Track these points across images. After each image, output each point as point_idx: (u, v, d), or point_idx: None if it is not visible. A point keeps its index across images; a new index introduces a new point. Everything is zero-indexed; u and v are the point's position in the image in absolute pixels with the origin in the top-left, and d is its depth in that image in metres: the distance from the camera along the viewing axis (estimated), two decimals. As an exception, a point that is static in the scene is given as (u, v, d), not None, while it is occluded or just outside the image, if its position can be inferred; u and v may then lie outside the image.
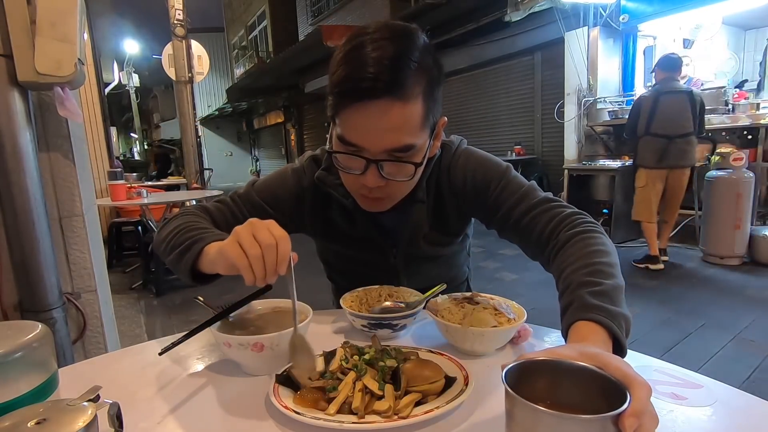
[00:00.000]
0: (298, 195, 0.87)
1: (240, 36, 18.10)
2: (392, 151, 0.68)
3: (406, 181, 0.73)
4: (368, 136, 0.67)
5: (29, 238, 1.30)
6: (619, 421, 0.35)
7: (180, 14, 5.47)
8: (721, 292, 3.21)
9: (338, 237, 0.90)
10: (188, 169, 6.05)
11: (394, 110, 0.64)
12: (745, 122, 4.20)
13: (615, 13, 5.47)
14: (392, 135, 0.66)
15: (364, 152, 0.68)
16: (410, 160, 0.70)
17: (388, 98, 0.64)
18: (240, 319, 0.71)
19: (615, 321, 0.53)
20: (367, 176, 0.70)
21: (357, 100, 0.64)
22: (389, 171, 0.70)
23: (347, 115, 0.67)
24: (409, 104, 0.65)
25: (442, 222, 0.88)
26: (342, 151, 0.70)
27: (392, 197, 0.78)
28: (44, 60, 1.19)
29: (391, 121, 0.65)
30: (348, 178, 0.76)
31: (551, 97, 6.39)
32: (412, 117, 0.67)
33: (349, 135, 0.68)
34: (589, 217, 0.73)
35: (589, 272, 0.61)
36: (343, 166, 0.73)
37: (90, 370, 0.71)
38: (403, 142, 0.67)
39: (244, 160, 20.74)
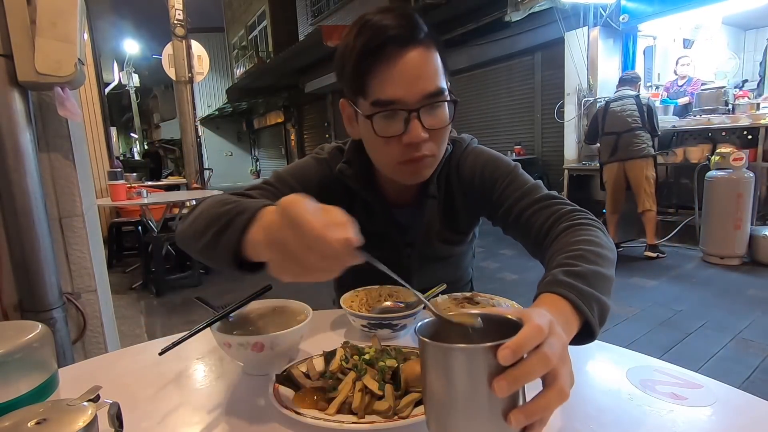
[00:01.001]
0: (322, 183, 0.86)
1: (240, 36, 18.11)
2: (428, 96, 0.70)
3: (444, 129, 0.74)
4: (403, 85, 0.69)
5: (29, 238, 1.30)
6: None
7: (180, 14, 5.47)
8: (721, 292, 3.21)
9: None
10: (188, 169, 6.05)
11: (421, 56, 0.69)
12: (745, 122, 4.20)
13: (615, 13, 5.47)
14: (425, 80, 0.69)
15: (402, 105, 0.70)
16: (445, 100, 0.72)
17: (413, 46, 0.68)
18: (240, 319, 0.71)
19: (584, 300, 0.52)
20: (411, 130, 0.70)
21: (386, 54, 0.68)
22: (428, 120, 0.71)
23: (378, 74, 0.69)
24: (431, 51, 0.70)
25: (453, 219, 0.88)
26: (381, 111, 0.70)
27: (435, 156, 0.77)
28: (44, 60, 1.19)
29: (421, 66, 0.69)
30: (387, 149, 0.74)
31: (551, 97, 6.39)
32: (435, 63, 0.71)
33: (384, 92, 0.69)
34: (590, 214, 0.73)
35: (571, 256, 0.60)
36: (382, 133, 0.72)
37: (90, 370, 0.71)
38: (436, 84, 0.70)
39: (244, 160, 20.75)
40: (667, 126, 4.81)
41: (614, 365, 0.66)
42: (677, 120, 4.87)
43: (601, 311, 0.54)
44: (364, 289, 0.83)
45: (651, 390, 0.58)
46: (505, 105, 7.54)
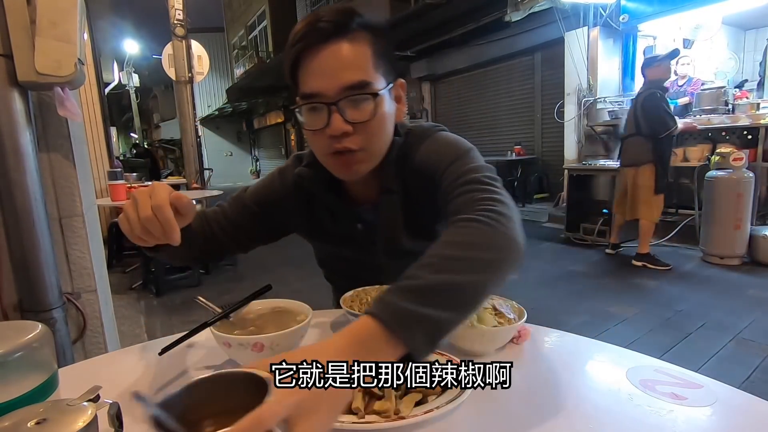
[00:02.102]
0: (284, 195, 0.88)
1: (240, 36, 18.10)
2: (347, 88, 0.70)
3: (370, 123, 0.72)
4: (323, 78, 0.70)
5: (29, 238, 1.30)
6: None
7: (180, 14, 5.47)
8: (721, 292, 3.21)
9: (324, 236, 0.90)
10: (188, 169, 6.06)
11: (343, 49, 0.70)
12: (745, 122, 4.19)
13: (615, 13, 5.47)
14: (345, 73, 0.70)
15: (322, 98, 0.71)
16: (367, 93, 0.71)
17: (335, 39, 0.69)
18: (240, 319, 0.71)
19: (403, 323, 0.47)
20: (331, 123, 0.70)
21: (310, 48, 0.70)
22: (350, 113, 0.71)
23: (303, 66, 0.71)
24: (357, 45, 0.71)
25: (415, 213, 0.84)
26: (303, 104, 0.73)
27: (366, 151, 0.75)
28: (44, 60, 1.19)
29: (341, 58, 0.70)
30: (316, 140, 0.75)
31: (551, 97, 6.39)
32: (362, 56, 0.71)
33: (307, 86, 0.71)
34: (498, 204, 0.62)
35: (421, 264, 0.54)
36: (309, 126, 0.74)
37: (90, 370, 0.71)
38: (357, 78, 0.70)
39: (244, 160, 20.75)
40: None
41: (614, 365, 0.66)
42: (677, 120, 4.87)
43: (432, 329, 0.49)
44: (364, 288, 0.83)
45: (651, 390, 0.58)
46: (505, 105, 7.54)
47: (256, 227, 0.89)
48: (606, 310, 2.95)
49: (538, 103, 6.93)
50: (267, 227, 0.91)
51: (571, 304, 3.08)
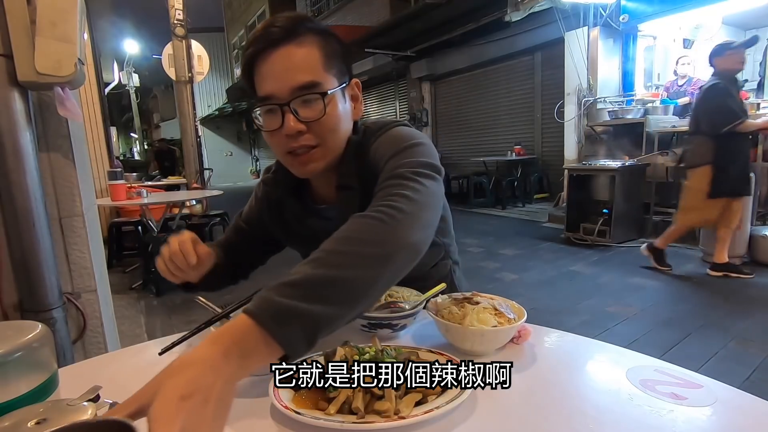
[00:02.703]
0: (259, 207, 0.96)
1: (240, 36, 18.10)
2: (298, 89, 0.73)
3: (323, 120, 0.74)
4: (275, 80, 0.73)
5: (29, 238, 1.30)
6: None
7: (180, 14, 5.47)
8: (721, 291, 3.21)
9: (296, 238, 0.94)
10: (188, 169, 6.06)
11: (291, 52, 0.73)
12: (745, 122, 4.19)
13: (615, 13, 5.47)
14: (294, 74, 0.73)
15: (275, 100, 0.74)
16: (315, 92, 0.73)
17: (284, 44, 0.73)
18: (240, 319, 0.71)
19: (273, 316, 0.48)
20: (286, 124, 0.74)
21: (261, 51, 0.73)
22: (303, 112, 0.74)
23: (257, 72, 0.75)
24: (305, 47, 0.74)
25: None
26: (258, 106, 0.76)
27: (322, 147, 0.77)
28: (44, 60, 1.19)
29: (291, 61, 0.73)
30: (274, 141, 0.78)
31: (551, 97, 6.40)
32: (310, 58, 0.74)
33: (261, 89, 0.75)
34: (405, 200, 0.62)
35: (305, 261, 0.55)
36: (265, 127, 0.77)
37: (90, 370, 0.71)
38: (306, 78, 0.73)
39: (244, 160, 20.74)
40: (667, 126, 4.81)
41: (614, 365, 0.66)
42: (677, 120, 4.87)
43: (310, 325, 0.49)
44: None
45: (651, 390, 0.58)
46: (505, 105, 7.54)
47: (256, 244, 0.99)
48: (606, 310, 2.95)
49: (538, 103, 6.93)
50: (263, 242, 0.99)
51: (571, 304, 3.08)
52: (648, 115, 4.98)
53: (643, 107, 5.09)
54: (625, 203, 4.60)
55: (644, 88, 5.81)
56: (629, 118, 5.08)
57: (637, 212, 4.80)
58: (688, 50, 5.60)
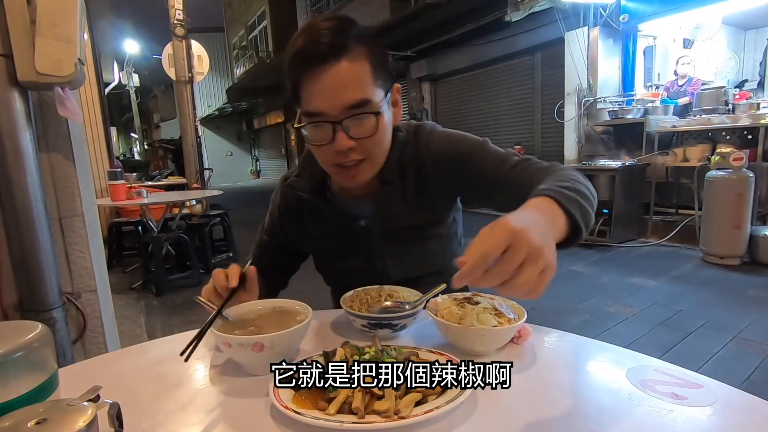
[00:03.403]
0: (278, 218, 0.98)
1: (240, 36, 18.10)
2: (350, 107, 0.73)
3: (373, 137, 0.76)
4: (326, 98, 0.73)
5: (29, 238, 1.30)
6: None
7: (180, 14, 5.47)
8: (721, 292, 3.21)
9: (313, 239, 0.96)
10: (188, 169, 6.05)
11: (343, 68, 0.72)
12: (745, 122, 4.20)
13: (615, 13, 5.47)
14: (347, 92, 0.72)
15: (326, 117, 0.73)
16: (370, 111, 0.74)
17: (335, 59, 0.71)
18: (240, 319, 0.71)
19: (567, 201, 0.60)
20: (336, 140, 0.74)
21: (310, 69, 0.72)
22: (354, 130, 0.74)
23: (305, 86, 0.74)
24: (356, 62, 0.73)
25: (425, 202, 0.90)
26: (307, 123, 0.76)
27: (369, 160, 0.80)
28: (44, 60, 1.19)
29: (342, 78, 0.72)
30: (321, 153, 0.80)
31: (551, 97, 6.39)
32: (361, 74, 0.73)
33: (310, 105, 0.74)
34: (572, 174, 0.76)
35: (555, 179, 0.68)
36: (313, 141, 0.78)
37: (90, 370, 0.71)
38: (359, 97, 0.73)
39: (244, 160, 20.75)
40: (667, 126, 4.81)
41: (614, 365, 0.66)
42: (677, 120, 4.87)
43: (584, 215, 0.61)
44: (364, 289, 0.83)
45: (651, 390, 0.58)
46: (505, 105, 7.53)
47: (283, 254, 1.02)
48: (606, 310, 2.95)
49: (538, 103, 6.93)
50: (288, 249, 1.01)
51: (571, 304, 3.08)
52: (648, 115, 4.98)
53: (643, 107, 5.09)
54: (625, 203, 4.61)
55: (644, 88, 5.81)
56: (629, 118, 5.08)
57: (637, 212, 4.80)
58: (688, 50, 5.60)
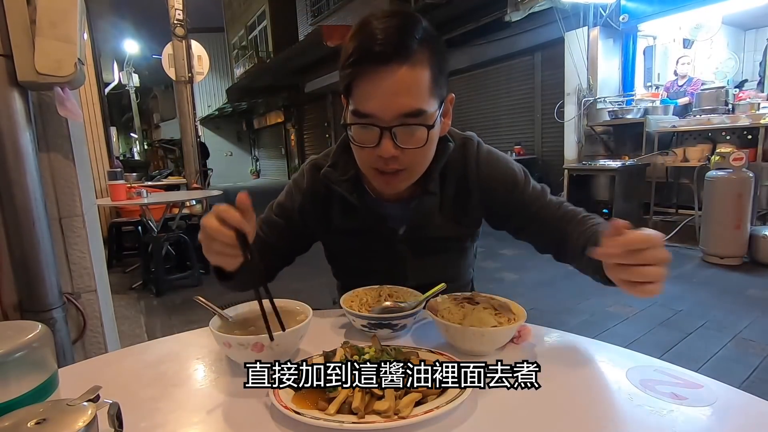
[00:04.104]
0: (300, 202, 0.91)
1: (240, 36, 18.10)
2: (404, 116, 0.70)
3: (420, 149, 0.74)
4: (380, 102, 0.69)
5: (29, 237, 1.30)
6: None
7: (180, 14, 5.47)
8: (721, 292, 3.21)
9: (344, 232, 0.92)
10: (188, 169, 6.05)
11: (402, 74, 0.68)
12: (745, 122, 4.20)
13: (615, 13, 5.47)
14: (403, 99, 0.69)
15: (377, 121, 0.70)
16: (422, 123, 0.71)
17: (396, 62, 0.67)
18: (240, 319, 0.71)
19: None
20: (382, 146, 0.71)
21: (368, 68, 0.68)
22: (402, 139, 0.71)
23: (359, 85, 0.70)
24: (417, 69, 0.68)
25: (461, 215, 0.90)
26: (355, 123, 0.73)
27: (410, 170, 0.78)
28: (44, 60, 1.19)
29: (400, 84, 0.68)
30: (362, 154, 0.76)
31: (551, 97, 6.39)
32: (421, 81, 0.69)
33: (362, 105, 0.71)
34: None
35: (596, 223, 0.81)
36: (358, 141, 0.75)
37: (90, 370, 0.71)
38: (414, 106, 0.69)
39: (244, 160, 20.75)
40: (667, 126, 4.82)
41: (614, 365, 0.66)
42: (677, 120, 4.87)
43: None
44: (364, 289, 0.83)
45: (651, 390, 0.58)
46: (505, 105, 7.53)
47: (291, 239, 0.94)
48: (606, 310, 2.95)
49: (538, 103, 6.93)
50: (298, 237, 0.95)
51: (571, 304, 3.08)
52: (648, 115, 4.99)
53: (643, 107, 5.10)
54: (625, 203, 4.61)
55: (644, 88, 5.81)
56: (629, 118, 5.09)
57: (637, 212, 4.80)
58: (688, 50, 5.60)
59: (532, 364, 0.54)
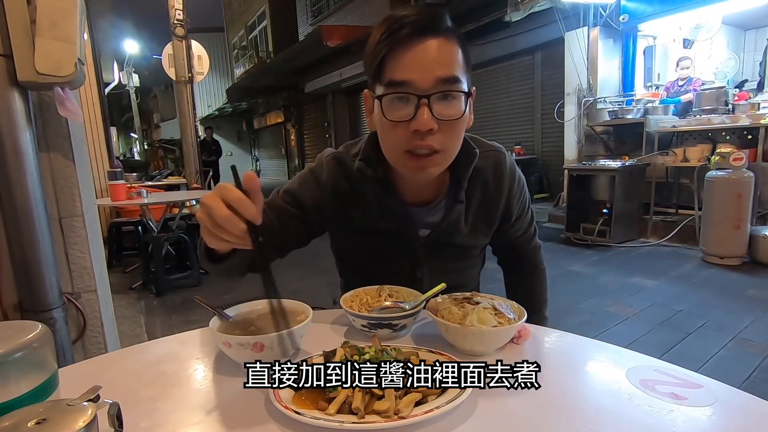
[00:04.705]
0: (319, 195, 0.88)
1: (240, 36, 18.09)
2: (442, 82, 0.69)
3: (456, 121, 0.72)
4: (417, 68, 0.69)
5: (29, 238, 1.30)
6: None
7: (180, 14, 5.47)
8: (721, 292, 3.21)
9: (361, 232, 0.89)
10: (188, 169, 6.05)
11: (438, 44, 0.70)
12: (745, 122, 4.20)
13: (615, 13, 5.47)
14: (441, 66, 0.69)
15: (414, 89, 0.69)
16: (461, 90, 0.71)
17: (433, 34, 0.69)
18: (240, 319, 0.71)
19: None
20: (418, 117, 0.69)
21: (403, 40, 0.69)
22: (439, 110, 0.70)
23: (394, 56, 0.70)
24: (450, 43, 0.71)
25: (482, 225, 0.92)
26: (392, 92, 0.71)
27: (444, 153, 0.75)
28: (44, 60, 1.19)
29: (437, 53, 0.69)
30: (395, 134, 0.73)
31: (551, 97, 6.39)
32: (454, 53, 0.71)
33: (397, 74, 0.70)
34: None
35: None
36: (390, 117, 0.72)
37: (90, 370, 0.71)
38: (451, 71, 0.70)
39: (244, 160, 20.74)
40: (667, 126, 4.81)
41: (614, 365, 0.66)
42: (677, 120, 4.87)
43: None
44: (364, 289, 0.83)
45: (651, 390, 0.58)
46: (505, 105, 7.53)
47: (297, 229, 0.89)
48: (606, 310, 2.95)
49: (538, 103, 6.93)
50: (307, 228, 0.91)
51: (571, 304, 3.08)
52: (648, 115, 4.98)
53: (643, 107, 5.09)
54: (625, 203, 4.61)
55: (644, 88, 5.81)
56: (629, 118, 5.08)
57: (637, 212, 4.80)
58: (688, 50, 5.60)
59: (532, 364, 0.54)
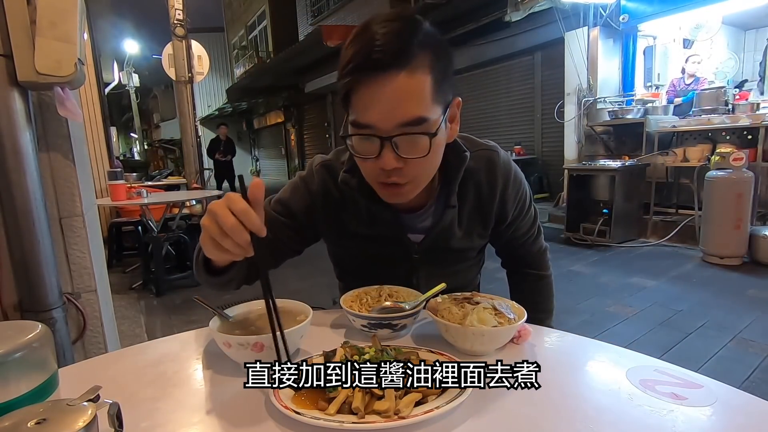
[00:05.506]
0: (310, 203, 0.88)
1: (240, 36, 18.09)
2: (404, 125, 0.67)
3: (424, 158, 0.70)
4: (379, 112, 0.66)
5: (29, 238, 1.30)
6: None
7: (180, 14, 5.47)
8: (721, 292, 3.21)
9: (355, 237, 0.90)
10: (188, 169, 6.06)
11: (401, 81, 0.65)
12: (745, 122, 4.20)
13: (615, 13, 5.47)
14: (402, 107, 0.66)
15: (376, 131, 0.68)
16: (424, 132, 0.68)
17: (394, 69, 0.64)
18: (240, 319, 0.71)
19: None
20: (383, 157, 0.69)
21: (365, 77, 0.65)
22: (404, 149, 0.69)
23: (357, 95, 0.67)
24: (417, 75, 0.65)
25: (477, 228, 0.91)
26: (355, 134, 0.70)
27: (414, 182, 0.75)
28: (44, 60, 1.19)
29: (399, 92, 0.65)
30: (365, 166, 0.74)
31: (551, 97, 6.39)
32: (421, 89, 0.66)
33: (360, 116, 0.68)
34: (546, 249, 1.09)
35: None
36: (358, 152, 0.72)
37: (90, 370, 0.71)
38: (414, 114, 0.67)
39: (244, 160, 20.72)
40: (667, 126, 4.81)
41: (614, 365, 0.66)
42: (677, 120, 4.87)
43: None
44: (364, 289, 0.83)
45: (651, 390, 0.58)
46: (505, 105, 7.53)
47: (290, 239, 0.89)
48: (606, 310, 2.95)
49: (538, 103, 6.93)
50: (300, 237, 0.90)
51: (571, 304, 3.08)
52: (648, 115, 4.98)
53: (643, 107, 5.09)
54: (625, 203, 4.61)
55: (644, 88, 5.81)
56: (629, 118, 5.09)
57: (637, 212, 4.80)
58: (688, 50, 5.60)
59: (532, 364, 0.54)
